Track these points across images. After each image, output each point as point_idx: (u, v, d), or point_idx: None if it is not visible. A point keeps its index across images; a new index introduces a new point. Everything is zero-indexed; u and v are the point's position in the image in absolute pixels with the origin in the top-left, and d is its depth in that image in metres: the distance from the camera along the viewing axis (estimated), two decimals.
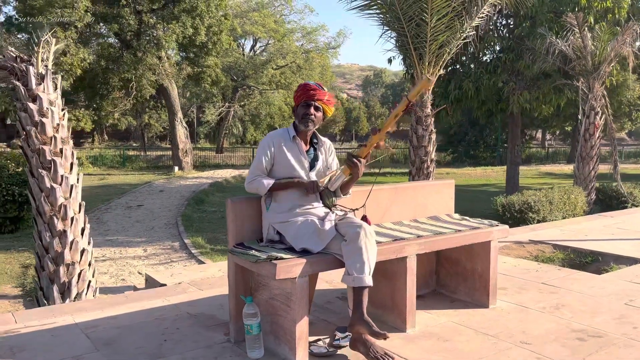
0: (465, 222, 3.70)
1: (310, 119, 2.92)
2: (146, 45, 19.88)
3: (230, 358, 2.78)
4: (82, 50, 18.44)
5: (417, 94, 2.69)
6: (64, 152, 4.25)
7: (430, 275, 3.93)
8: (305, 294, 2.68)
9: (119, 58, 20.52)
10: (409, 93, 2.69)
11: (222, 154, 33.92)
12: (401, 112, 2.71)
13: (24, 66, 4.13)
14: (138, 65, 19.76)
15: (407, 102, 2.68)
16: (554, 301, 3.70)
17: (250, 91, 36.13)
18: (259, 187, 2.84)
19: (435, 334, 3.11)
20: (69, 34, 17.96)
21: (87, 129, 40.16)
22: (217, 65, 26.36)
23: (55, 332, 3.16)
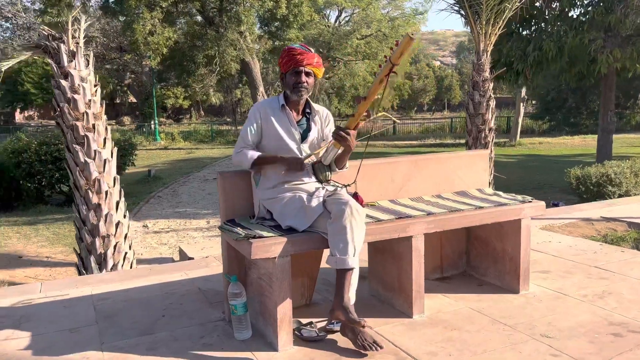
0: (496, 197, 3.31)
1: (302, 87, 2.70)
2: (227, 22, 20.23)
3: (217, 338, 2.69)
4: (168, 30, 19.16)
5: (401, 56, 2.37)
6: (96, 128, 4.36)
7: (460, 255, 3.59)
8: (286, 276, 2.51)
9: (204, 35, 21.11)
10: (392, 55, 2.37)
11: None
12: (385, 77, 2.41)
13: (56, 44, 4.24)
14: (220, 41, 20.20)
15: (390, 65, 2.37)
16: (600, 288, 3.23)
17: (335, 63, 35.87)
18: (243, 161, 2.68)
19: (445, 321, 2.82)
20: (155, 14, 18.71)
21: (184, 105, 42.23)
22: (298, 38, 26.31)
23: (69, 303, 3.26)
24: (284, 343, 2.53)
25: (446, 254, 3.53)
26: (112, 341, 2.67)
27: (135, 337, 2.71)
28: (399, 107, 51.17)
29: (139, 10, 18.19)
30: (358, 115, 2.56)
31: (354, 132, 2.57)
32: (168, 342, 2.64)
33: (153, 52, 18.81)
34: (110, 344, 2.64)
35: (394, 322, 2.82)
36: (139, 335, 2.74)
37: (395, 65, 2.37)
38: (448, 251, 3.53)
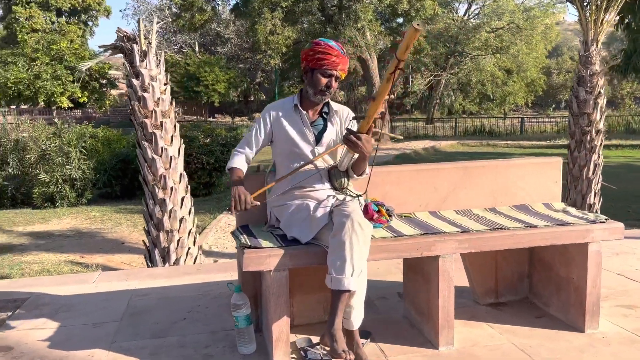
0: (562, 215, 2.77)
1: (329, 92, 2.46)
2: (345, 19, 20.25)
3: (222, 349, 2.57)
4: (288, 29, 19.67)
5: (406, 49, 2.03)
6: (164, 125, 4.48)
7: (521, 279, 3.09)
8: (283, 291, 2.30)
9: (323, 33, 21.36)
10: (397, 50, 2.04)
11: (432, 124, 33.16)
12: (391, 74, 2.09)
13: (130, 45, 4.43)
14: (338, 39, 20.28)
15: (396, 61, 2.04)
16: None
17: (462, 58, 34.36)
18: (228, 165, 2.50)
19: (475, 357, 2.41)
20: (276, 14, 19.31)
21: None
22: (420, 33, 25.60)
23: (109, 296, 3.36)
24: None
25: (503, 276, 3.05)
26: (123, 341, 2.67)
27: (145, 339, 2.68)
28: (534, 104, 47.66)
29: (261, 11, 18.87)
30: (370, 117, 2.26)
31: (366, 136, 2.28)
32: (172, 349, 2.57)
33: (273, 51, 19.44)
34: (119, 344, 2.64)
35: (415, 352, 2.48)
36: (151, 337, 2.71)
37: (401, 61, 2.04)
38: (506, 273, 3.06)
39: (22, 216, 9.46)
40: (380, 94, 2.17)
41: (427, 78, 34.56)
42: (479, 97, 36.49)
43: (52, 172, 10.09)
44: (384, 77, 2.14)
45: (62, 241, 7.60)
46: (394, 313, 2.96)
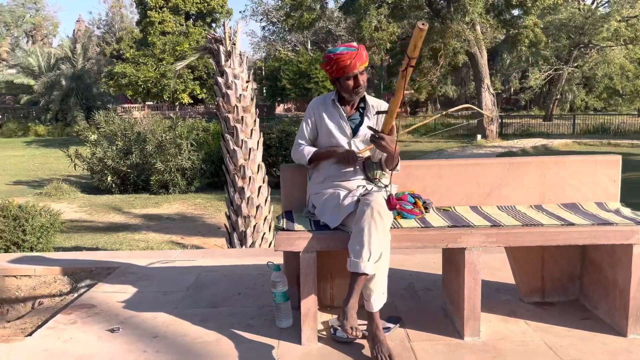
0: (611, 215, 2.67)
1: (360, 89, 2.63)
2: (453, 12, 19.79)
3: (264, 321, 2.83)
4: (392, 25, 19.67)
5: (415, 47, 2.12)
6: (244, 120, 4.87)
7: (571, 279, 3.00)
8: (311, 271, 2.50)
9: (430, 28, 21.05)
10: (407, 48, 2.15)
11: (550, 121, 31.18)
12: (403, 72, 2.19)
13: (216, 46, 4.87)
14: (445, 33, 19.88)
15: (407, 59, 2.15)
16: None
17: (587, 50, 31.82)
18: (300, 158, 2.75)
19: (499, 350, 2.44)
20: (381, 10, 19.40)
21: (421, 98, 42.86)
22: (536, 25, 24.22)
23: (184, 270, 3.78)
24: (307, 338, 2.54)
25: (550, 276, 2.99)
26: (183, 308, 3.04)
27: (201, 308, 3.03)
28: None
29: (367, 8, 19.07)
30: (391, 115, 2.38)
31: (389, 136, 2.40)
32: (221, 317, 2.89)
33: (377, 47, 19.56)
34: (180, 310, 3.01)
35: (440, 339, 2.56)
36: (206, 307, 3.06)
37: (412, 58, 2.15)
38: (554, 272, 2.99)
39: (139, 200, 10.60)
40: (397, 91, 2.29)
41: (546, 72, 32.47)
42: (605, 92, 33.56)
43: (167, 161, 11.16)
44: (400, 74, 2.25)
45: (168, 223, 8.44)
46: (433, 303, 3.04)
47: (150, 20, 39.06)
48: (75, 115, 28.60)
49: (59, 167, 14.80)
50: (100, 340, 2.63)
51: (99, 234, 7.55)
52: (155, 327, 2.77)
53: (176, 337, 2.66)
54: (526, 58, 31.36)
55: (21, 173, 15.51)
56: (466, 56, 22.30)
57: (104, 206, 9.91)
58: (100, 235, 7.45)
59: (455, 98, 44.90)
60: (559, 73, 32.18)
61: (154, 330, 2.74)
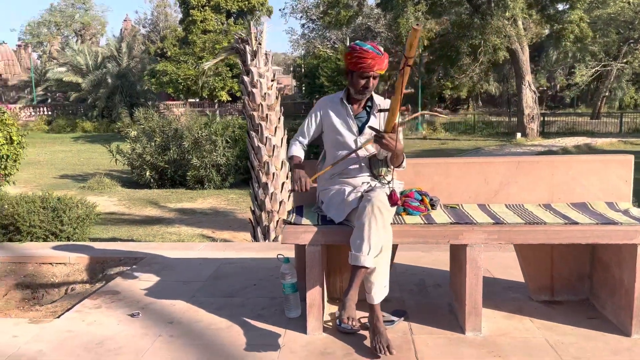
0: (619, 215, 2.67)
1: (368, 91, 2.71)
2: (493, 8, 19.43)
3: (274, 311, 2.96)
4: (430, 21, 19.48)
5: (411, 48, 2.18)
6: (269, 117, 5.01)
7: (580, 279, 3.00)
8: (316, 264, 2.61)
9: (470, 24, 20.74)
10: (404, 49, 2.22)
11: (597, 120, 30.15)
12: (400, 71, 2.26)
13: (243, 45, 5.03)
14: (485, 29, 19.54)
15: (404, 59, 2.22)
16: None
17: (637, 45, 30.59)
18: (287, 152, 2.86)
19: (498, 345, 2.48)
20: (419, 7, 19.24)
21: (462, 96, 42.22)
22: (582, 19, 23.45)
23: (204, 262, 3.95)
24: (312, 328, 2.65)
25: (560, 275, 3.00)
26: (200, 296, 3.20)
27: (217, 297, 3.19)
28: None
29: (404, 4, 18.97)
30: (392, 114, 2.45)
31: (389, 134, 2.47)
32: (234, 307, 3.03)
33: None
34: (197, 298, 3.18)
35: (441, 333, 2.63)
36: (222, 296, 3.21)
37: (409, 58, 2.21)
38: (563, 271, 3.00)
39: (175, 195, 10.95)
40: (396, 90, 2.36)
41: (593, 68, 31.39)
42: None
43: (202, 157, 11.47)
44: (399, 74, 2.33)
45: (201, 218, 8.70)
46: (440, 299, 3.09)
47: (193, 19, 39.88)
48: (119, 112, 29.57)
49: (103, 162, 15.41)
50: (120, 324, 2.81)
51: (134, 227, 7.87)
52: (172, 314, 2.94)
53: (191, 324, 2.81)
54: (573, 54, 30.39)
55: (67, 167, 16.23)
56: (507, 53, 21.82)
57: (142, 200, 10.29)
58: (135, 228, 7.77)
59: (498, 95, 44.00)
60: (608, 69, 31.05)
61: (170, 316, 2.91)
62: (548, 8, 23.07)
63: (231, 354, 2.46)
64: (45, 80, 39.07)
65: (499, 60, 23.01)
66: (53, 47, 46.38)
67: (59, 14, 53.29)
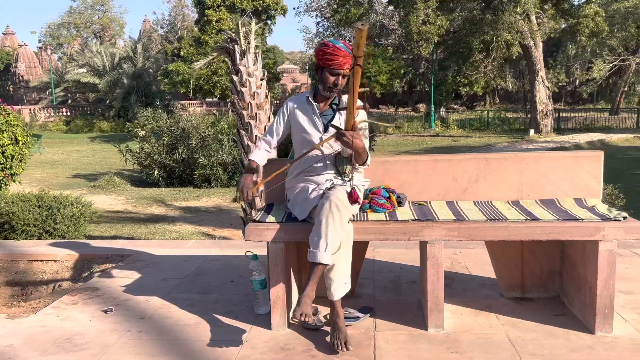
0: (583, 211, 2.64)
1: (334, 90, 2.72)
2: (505, 3, 19.20)
3: (245, 308, 3.00)
4: (441, 18, 19.34)
5: (358, 48, 2.20)
6: (258, 116, 5.05)
7: (551, 276, 2.99)
8: (279, 261, 2.64)
9: (481, 20, 20.52)
10: (353, 49, 2.23)
11: (616, 115, 29.59)
12: (350, 70, 2.28)
13: (232, 45, 5.07)
14: (496, 25, 19.33)
15: (353, 59, 2.23)
16: None
17: None
18: (249, 155, 2.88)
19: (458, 342, 2.49)
20: (429, 3, 19.10)
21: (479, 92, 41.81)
22: (597, 13, 23.04)
23: (188, 259, 4.01)
24: (276, 324, 2.68)
25: (530, 272, 2.99)
26: (176, 293, 3.26)
27: (192, 294, 3.24)
28: None
29: (414, 1, 18.86)
30: (350, 112, 2.47)
31: (350, 133, 2.49)
32: (207, 303, 3.08)
33: (425, 41, 19.31)
34: (173, 295, 3.23)
35: (404, 330, 2.64)
36: (198, 293, 3.26)
37: (358, 57, 2.23)
38: (534, 269, 2.98)
39: (182, 193, 11.07)
40: (350, 90, 2.37)
41: (611, 63, 30.81)
42: None
43: (209, 156, 11.58)
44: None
45: (204, 216, 8.79)
46: (412, 296, 3.10)
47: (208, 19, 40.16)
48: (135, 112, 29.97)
49: (115, 162, 15.64)
50: (92, 320, 2.88)
51: (138, 225, 7.99)
52: (145, 310, 3.00)
53: (161, 320, 2.87)
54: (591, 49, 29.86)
55: (81, 167, 16.52)
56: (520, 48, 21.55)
57: (149, 198, 10.44)
58: (139, 226, 7.89)
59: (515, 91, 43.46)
60: (626, 64, 30.46)
61: (143, 312, 2.97)
62: (562, 2, 22.72)
63: (193, 349, 2.51)
64: (64, 81, 39.74)
65: (512, 56, 22.75)
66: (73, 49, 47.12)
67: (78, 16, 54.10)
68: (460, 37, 21.48)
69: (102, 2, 56.34)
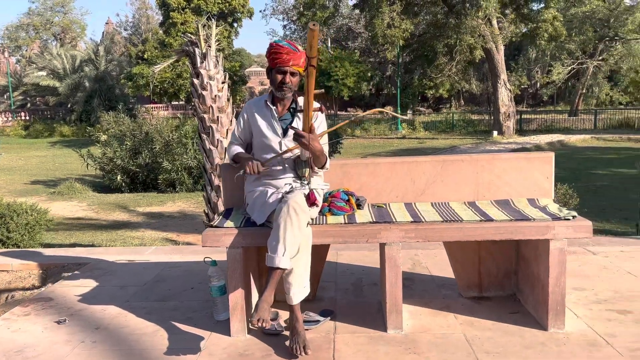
0: (535, 211, 2.71)
1: (286, 87, 2.71)
2: (467, 8, 19.58)
3: (205, 314, 2.96)
4: (406, 21, 19.58)
5: (311, 48, 2.20)
6: (220, 120, 5.01)
7: (507, 275, 3.05)
8: (237, 266, 2.61)
9: (445, 24, 20.88)
10: (306, 49, 2.24)
11: (575, 117, 30.52)
12: (304, 71, 2.28)
13: (192, 48, 5.01)
14: (459, 29, 19.68)
15: (307, 60, 2.24)
16: None
17: (612, 43, 31.06)
18: (228, 155, 2.86)
19: (416, 342, 2.51)
20: (394, 7, 19.33)
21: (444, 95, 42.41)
22: (556, 18, 23.73)
23: (148, 266, 3.94)
24: (236, 330, 2.65)
25: (487, 271, 3.04)
26: (134, 301, 3.19)
27: (151, 302, 3.18)
28: None
29: (379, 5, 19.04)
30: (306, 114, 2.47)
31: (308, 135, 2.49)
32: (165, 311, 3.02)
33: (390, 44, 19.51)
34: (130, 303, 3.16)
35: (364, 332, 2.65)
36: (156, 300, 3.20)
37: (311, 58, 2.23)
38: (491, 268, 3.04)
39: (146, 199, 10.87)
40: (306, 92, 2.37)
41: (569, 66, 31.77)
42: (631, 86, 32.69)
43: (174, 160, 11.41)
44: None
45: (168, 221, 8.65)
46: (374, 298, 3.12)
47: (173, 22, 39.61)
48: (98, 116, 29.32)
49: (77, 167, 15.25)
50: (45, 331, 2.79)
51: (99, 232, 7.80)
52: (101, 319, 2.93)
53: (117, 329, 2.80)
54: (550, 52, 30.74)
55: (41, 173, 16.04)
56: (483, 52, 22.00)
57: (111, 204, 10.21)
58: (100, 233, 7.71)
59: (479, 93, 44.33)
60: (584, 67, 31.45)
61: (98, 322, 2.90)
62: (522, 7, 23.31)
63: (149, 358, 2.45)
64: (23, 84, 38.57)
65: (476, 59, 23.21)
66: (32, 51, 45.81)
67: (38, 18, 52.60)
68: (425, 41, 21.81)
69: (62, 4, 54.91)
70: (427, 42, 21.93)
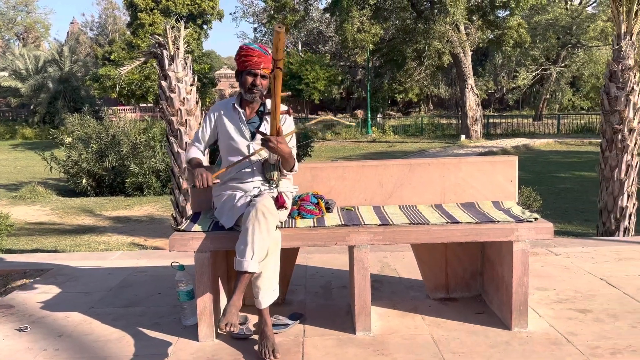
0: (499, 213, 2.77)
1: (256, 89, 2.71)
2: (435, 14, 19.91)
3: (172, 320, 2.92)
4: (375, 26, 19.77)
5: (277, 51, 2.21)
6: (188, 123, 4.96)
7: (473, 276, 3.11)
8: (205, 271, 2.59)
9: (414, 29, 21.16)
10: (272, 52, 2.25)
11: (540, 121, 31.31)
12: (270, 74, 2.29)
13: (160, 50, 4.95)
14: (428, 34, 19.98)
15: (273, 62, 2.24)
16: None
17: (575, 50, 32.00)
18: (186, 157, 2.84)
19: (383, 344, 2.53)
20: (364, 12, 19.50)
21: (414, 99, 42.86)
22: (521, 25, 24.35)
23: (114, 271, 3.86)
24: (204, 335, 2.63)
25: (454, 273, 3.09)
26: (99, 307, 3.12)
27: (116, 308, 3.12)
28: None
29: (349, 9, 19.18)
30: (273, 117, 2.47)
31: (276, 138, 2.49)
32: (132, 317, 2.97)
33: (360, 49, 19.67)
34: (95, 309, 3.10)
35: (333, 334, 2.66)
36: (122, 306, 3.14)
37: (277, 60, 2.23)
38: (457, 269, 3.09)
39: (112, 203, 10.67)
40: (273, 94, 2.37)
41: (534, 72, 32.60)
42: (592, 91, 33.71)
43: (141, 164, 11.23)
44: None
45: (135, 226, 8.51)
46: (343, 300, 3.13)
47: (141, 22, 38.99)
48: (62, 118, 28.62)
49: (40, 171, 14.85)
50: (5, 339, 2.71)
51: (63, 237, 7.62)
52: (64, 327, 2.86)
53: (80, 336, 2.74)
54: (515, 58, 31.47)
55: (1, 176, 15.56)
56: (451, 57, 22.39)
57: (76, 209, 9.98)
58: (64, 238, 7.53)
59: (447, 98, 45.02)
60: (548, 73, 32.31)
61: (61, 329, 2.83)
62: (489, 14, 23.84)
63: None
64: None
65: (444, 64, 23.59)
66: None
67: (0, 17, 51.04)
68: (394, 46, 22.05)
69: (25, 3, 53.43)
70: (396, 47, 22.18)
